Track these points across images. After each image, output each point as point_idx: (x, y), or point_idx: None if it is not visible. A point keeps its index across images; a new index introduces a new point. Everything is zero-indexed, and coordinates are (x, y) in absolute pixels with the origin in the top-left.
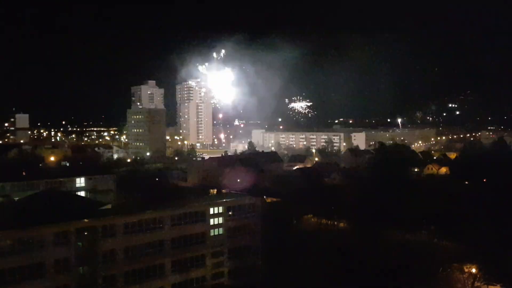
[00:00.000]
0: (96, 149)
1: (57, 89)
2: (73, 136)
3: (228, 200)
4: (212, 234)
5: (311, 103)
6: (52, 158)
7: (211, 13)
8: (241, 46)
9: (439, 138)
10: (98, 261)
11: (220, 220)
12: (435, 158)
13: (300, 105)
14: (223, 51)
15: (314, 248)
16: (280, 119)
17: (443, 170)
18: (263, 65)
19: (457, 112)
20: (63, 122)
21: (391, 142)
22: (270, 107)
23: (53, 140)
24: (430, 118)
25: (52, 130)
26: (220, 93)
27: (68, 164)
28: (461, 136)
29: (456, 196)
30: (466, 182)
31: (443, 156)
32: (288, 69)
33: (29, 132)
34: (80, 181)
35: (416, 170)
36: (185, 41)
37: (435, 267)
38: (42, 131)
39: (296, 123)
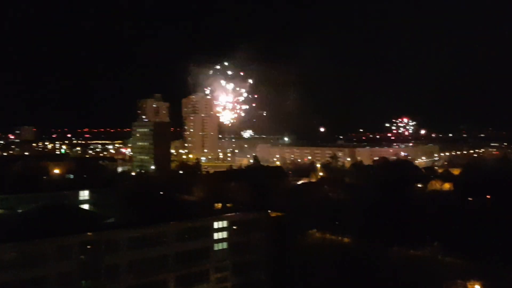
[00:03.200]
0: (100, 162)
1: (63, 101)
2: (78, 148)
3: (232, 214)
4: (216, 248)
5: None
6: (56, 171)
7: (222, 26)
8: (249, 61)
9: (442, 154)
10: (101, 275)
11: (225, 234)
12: (438, 173)
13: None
14: (228, 64)
15: (319, 264)
16: (285, 135)
17: (447, 186)
18: (270, 79)
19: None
20: (68, 135)
21: (394, 157)
22: (276, 121)
23: (57, 152)
24: (434, 134)
25: (57, 142)
26: (226, 106)
27: (72, 177)
28: (465, 152)
29: (460, 212)
30: (470, 199)
31: (447, 172)
32: (298, 83)
33: (34, 145)
34: (84, 194)
35: (419, 185)
36: (193, 53)
37: (439, 283)
38: (47, 143)
39: (301, 137)
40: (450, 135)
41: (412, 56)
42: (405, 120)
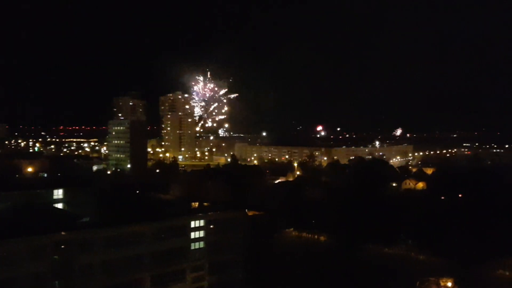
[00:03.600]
0: (75, 160)
1: (37, 98)
2: (52, 146)
3: (209, 213)
4: (193, 248)
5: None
6: (29, 169)
7: (203, 23)
8: (229, 59)
9: (416, 154)
10: (75, 275)
11: (201, 233)
12: (412, 173)
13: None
14: (208, 62)
15: (295, 262)
16: (264, 133)
17: (420, 185)
18: (250, 78)
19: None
20: (42, 133)
21: (370, 157)
22: (254, 120)
23: (31, 150)
24: (408, 134)
25: (30, 140)
26: (204, 105)
27: (46, 175)
28: (438, 152)
29: (433, 211)
30: (443, 198)
31: (420, 172)
32: (278, 83)
33: (7, 142)
34: (58, 193)
35: (394, 184)
36: (172, 50)
37: (412, 280)
38: (20, 141)
39: (279, 137)
40: (424, 135)
41: (388, 57)
42: (381, 120)
